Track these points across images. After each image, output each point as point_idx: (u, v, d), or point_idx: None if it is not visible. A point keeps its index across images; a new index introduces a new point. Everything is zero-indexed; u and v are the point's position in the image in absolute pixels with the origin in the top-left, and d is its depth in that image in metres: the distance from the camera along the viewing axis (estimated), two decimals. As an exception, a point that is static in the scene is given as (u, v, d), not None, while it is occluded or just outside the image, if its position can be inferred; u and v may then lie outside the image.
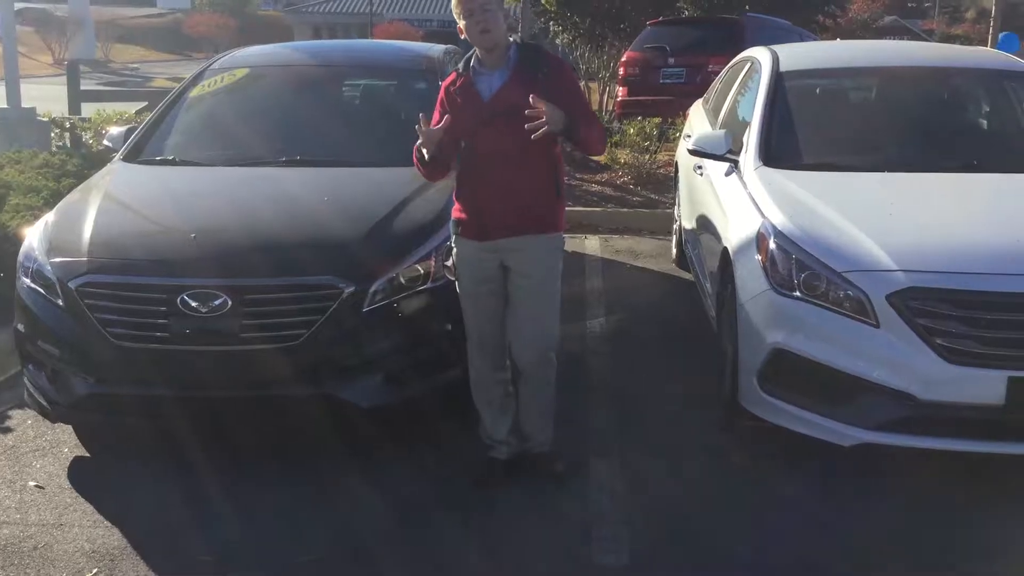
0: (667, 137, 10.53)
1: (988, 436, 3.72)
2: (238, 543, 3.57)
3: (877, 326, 3.72)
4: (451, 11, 3.75)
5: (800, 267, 3.94)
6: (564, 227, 3.91)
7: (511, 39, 3.77)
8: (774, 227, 4.15)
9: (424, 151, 3.72)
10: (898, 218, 4.17)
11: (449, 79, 3.83)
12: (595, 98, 17.72)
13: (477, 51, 3.75)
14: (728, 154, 5.09)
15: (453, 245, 3.89)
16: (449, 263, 3.98)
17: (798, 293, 3.92)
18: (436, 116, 3.80)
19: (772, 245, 4.08)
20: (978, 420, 3.69)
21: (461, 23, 3.68)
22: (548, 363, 3.90)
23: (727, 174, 5.09)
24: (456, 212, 3.85)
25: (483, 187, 3.72)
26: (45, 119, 10.95)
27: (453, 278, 3.93)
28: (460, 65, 3.81)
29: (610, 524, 3.67)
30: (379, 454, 4.18)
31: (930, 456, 3.85)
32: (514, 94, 3.63)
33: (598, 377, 5.11)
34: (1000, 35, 16.07)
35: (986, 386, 3.63)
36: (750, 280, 4.18)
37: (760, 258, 4.14)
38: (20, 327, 4.21)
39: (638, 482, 4.00)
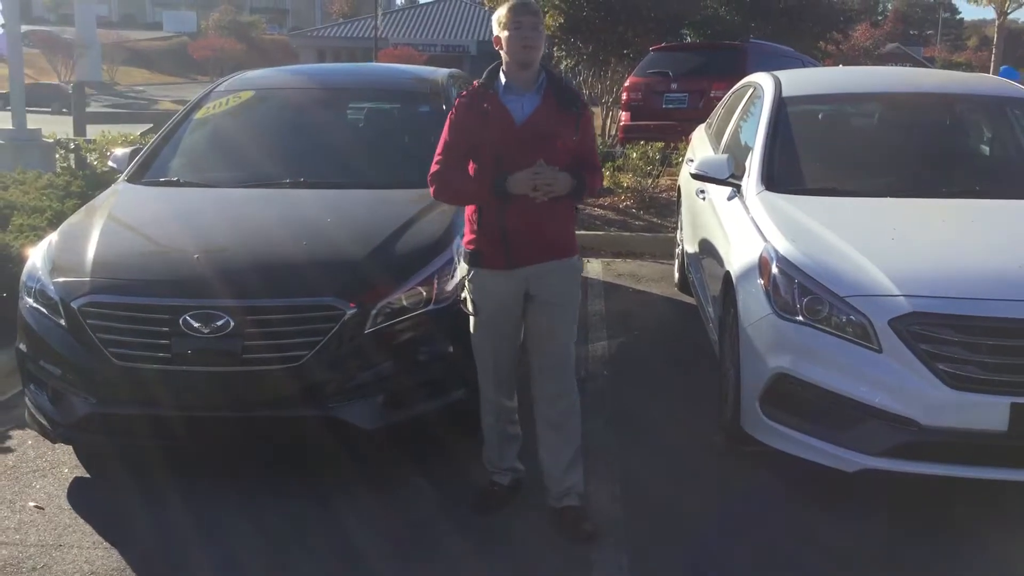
0: (670, 162, 10.57)
1: (992, 462, 3.70)
2: (239, 565, 3.55)
3: (880, 351, 3.71)
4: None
5: (802, 291, 3.94)
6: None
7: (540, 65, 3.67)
8: (776, 251, 4.15)
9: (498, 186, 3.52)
10: (900, 243, 4.17)
11: (467, 96, 3.68)
12: (598, 123, 17.81)
13: (505, 71, 3.62)
14: (730, 178, 5.11)
15: (469, 279, 3.73)
16: (463, 296, 3.80)
17: (800, 318, 3.91)
18: (446, 136, 3.67)
19: (774, 269, 4.08)
20: (981, 446, 3.68)
21: (504, 34, 3.56)
22: (573, 390, 3.80)
23: (729, 198, 5.10)
24: (472, 244, 3.68)
25: (511, 213, 3.57)
26: (50, 140, 11.02)
27: (470, 312, 3.76)
28: (482, 80, 3.68)
29: (610, 548, 3.65)
30: (381, 475, 4.17)
31: (933, 482, 3.83)
32: (547, 120, 3.58)
33: (599, 400, 5.09)
34: (1001, 68, 16.22)
35: (989, 412, 3.61)
36: (752, 304, 4.18)
37: (762, 282, 4.14)
38: (22, 347, 4.21)
39: (638, 506, 3.98)
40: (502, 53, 3.62)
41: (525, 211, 3.54)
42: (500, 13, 3.60)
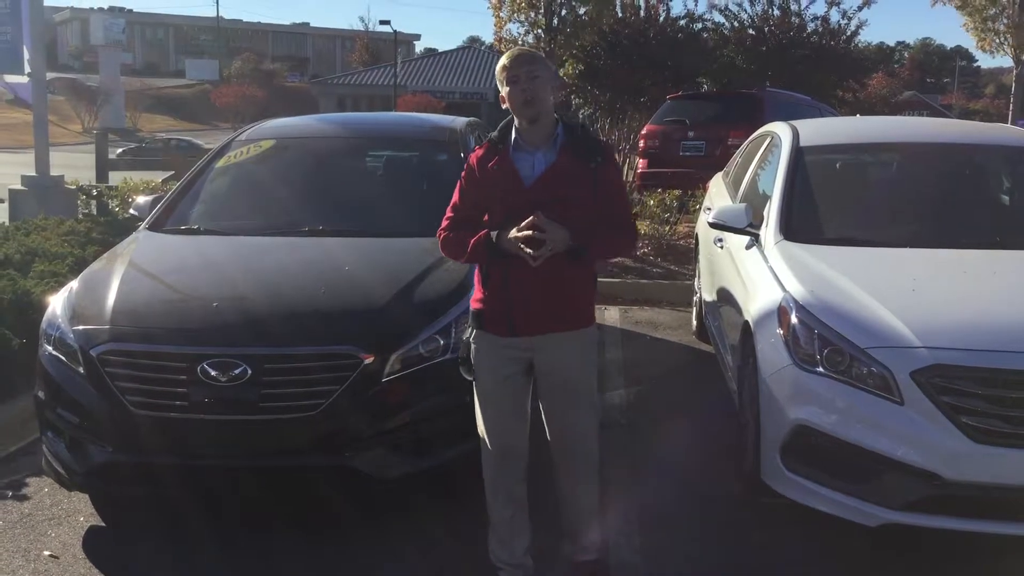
0: (687, 209, 10.60)
1: (1015, 518, 3.64)
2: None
3: (901, 403, 3.67)
4: (495, 80, 3.36)
5: (823, 342, 3.91)
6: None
7: (556, 116, 3.39)
8: (796, 301, 4.13)
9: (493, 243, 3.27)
10: (921, 294, 4.14)
11: (480, 151, 3.43)
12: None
13: (516, 126, 3.37)
14: (748, 228, 5.10)
15: (472, 341, 3.46)
16: (468, 356, 3.50)
17: (821, 369, 3.88)
18: (459, 189, 3.46)
19: (794, 319, 4.06)
20: (1006, 501, 3.62)
21: (504, 91, 3.31)
22: (590, 460, 3.54)
23: (748, 247, 5.09)
24: (476, 303, 3.43)
25: (516, 277, 3.28)
26: (72, 187, 11.13)
27: (470, 378, 3.50)
28: (495, 135, 3.42)
29: (630, 603, 3.60)
30: (398, 525, 4.14)
31: (955, 536, 3.76)
32: (562, 180, 3.29)
33: (617, 449, 5.04)
34: None
35: (1012, 466, 3.56)
36: (772, 354, 4.15)
37: (782, 332, 4.11)
38: (40, 394, 4.21)
39: (658, 559, 3.93)
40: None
41: (533, 274, 3.23)
42: (497, 68, 3.36)
